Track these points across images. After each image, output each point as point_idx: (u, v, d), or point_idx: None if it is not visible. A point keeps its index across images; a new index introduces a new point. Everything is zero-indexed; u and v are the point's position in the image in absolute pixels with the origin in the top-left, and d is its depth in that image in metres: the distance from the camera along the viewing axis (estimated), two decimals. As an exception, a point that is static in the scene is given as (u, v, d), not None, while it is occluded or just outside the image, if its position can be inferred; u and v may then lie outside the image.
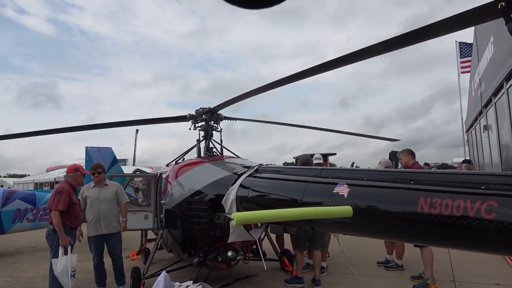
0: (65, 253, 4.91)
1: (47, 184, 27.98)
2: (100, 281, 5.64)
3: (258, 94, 5.29)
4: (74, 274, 4.98)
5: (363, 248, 7.84)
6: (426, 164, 16.15)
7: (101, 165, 5.85)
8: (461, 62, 18.80)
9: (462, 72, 19.07)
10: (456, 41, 19.14)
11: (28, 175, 43.56)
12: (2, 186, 26.96)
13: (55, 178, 26.41)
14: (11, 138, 7.50)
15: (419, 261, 5.75)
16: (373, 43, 2.93)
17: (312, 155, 7.66)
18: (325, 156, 7.89)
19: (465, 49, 18.48)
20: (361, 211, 2.81)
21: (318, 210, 2.86)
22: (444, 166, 14.97)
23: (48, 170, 31.82)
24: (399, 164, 6.17)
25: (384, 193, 2.79)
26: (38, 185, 29.69)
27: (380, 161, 6.58)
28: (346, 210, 2.68)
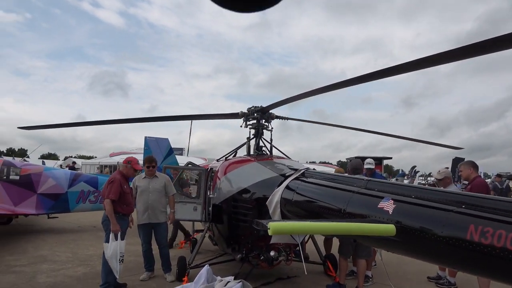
0: (115, 238, 5.17)
1: (106, 167, 29.95)
2: (148, 266, 6.02)
3: (310, 96, 5.22)
4: (122, 259, 5.19)
5: (414, 260, 7.46)
6: (498, 175, 14.82)
7: (155, 159, 6.21)
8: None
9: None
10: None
11: (95, 157, 46.96)
12: (74, 163, 29.10)
13: (118, 162, 28.27)
14: (84, 125, 8.16)
15: (474, 282, 5.36)
16: (444, 51, 2.70)
17: (364, 159, 7.43)
18: (379, 160, 7.61)
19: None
20: (405, 230, 2.67)
21: (358, 226, 2.76)
22: None
23: (111, 155, 34.13)
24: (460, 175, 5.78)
25: (432, 214, 2.62)
26: (103, 168, 31.92)
27: (439, 171, 6.18)
28: (388, 228, 2.56)
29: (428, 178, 37.98)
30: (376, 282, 6.16)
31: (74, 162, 29.19)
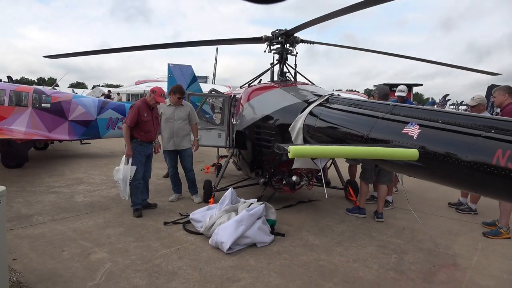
0: (127, 162, 5.31)
1: (133, 95, 30.25)
2: (176, 188, 6.35)
3: (338, 17, 4.88)
4: (131, 183, 5.34)
5: (436, 186, 7.48)
6: None
7: (184, 91, 6.21)
8: None
9: None
10: None
11: (122, 85, 47.58)
12: (110, 91, 29.02)
13: (144, 91, 28.59)
14: (108, 53, 8.12)
15: (496, 208, 5.38)
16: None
17: (392, 86, 7.17)
18: (408, 87, 7.27)
19: None
20: (429, 155, 2.63)
21: (380, 150, 2.73)
22: None
23: (136, 84, 34.45)
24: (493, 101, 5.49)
25: (458, 139, 2.54)
26: (130, 96, 32.47)
27: (474, 97, 5.87)
28: (411, 153, 2.52)
29: (460, 107, 36.59)
30: (396, 207, 6.30)
31: (109, 91, 29.27)
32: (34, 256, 3.98)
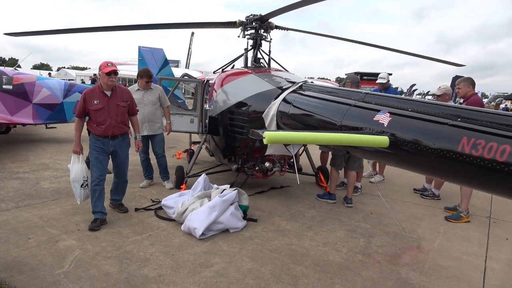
0: (78, 161, 4.48)
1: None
2: (147, 175, 6.25)
3: (317, 2, 4.87)
4: (87, 183, 4.49)
5: (403, 173, 7.78)
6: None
7: (152, 74, 5.95)
8: None
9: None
10: None
11: (89, 68, 45.85)
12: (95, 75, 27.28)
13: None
14: (75, 33, 7.77)
15: (457, 194, 5.66)
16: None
17: (362, 75, 7.34)
18: (377, 76, 7.45)
19: None
20: (398, 142, 2.71)
21: (353, 137, 2.79)
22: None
23: (105, 66, 33.17)
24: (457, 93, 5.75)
25: (426, 127, 2.64)
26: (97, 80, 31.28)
27: (440, 87, 6.14)
28: (381, 140, 2.60)
29: (426, 97, 37.87)
30: (364, 193, 6.50)
31: (95, 75, 27.67)
32: (-2, 244, 3.83)
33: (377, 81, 7.19)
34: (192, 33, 36.28)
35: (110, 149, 4.58)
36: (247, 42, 6.63)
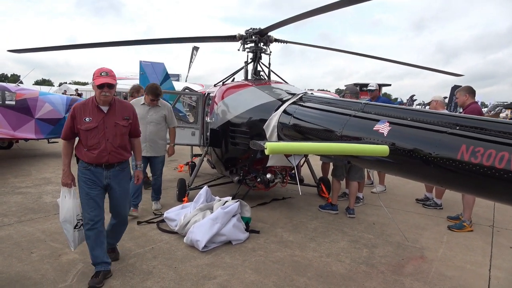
0: (69, 195, 3.50)
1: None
2: (133, 200, 5.16)
3: (312, 16, 4.96)
4: (82, 223, 3.52)
5: (404, 183, 7.79)
6: None
7: (159, 93, 5.34)
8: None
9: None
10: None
11: (90, 83, 46.16)
12: (77, 90, 28.36)
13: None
14: (76, 48, 7.88)
15: (460, 203, 5.65)
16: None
17: (362, 86, 7.47)
18: (378, 87, 7.60)
19: None
20: (399, 151, 2.74)
21: (353, 147, 2.82)
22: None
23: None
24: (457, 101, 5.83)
25: (426, 135, 2.67)
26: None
27: (434, 97, 6.34)
28: (382, 149, 2.62)
29: (427, 107, 37.98)
30: (367, 203, 6.49)
31: (77, 90, 28.25)
32: (0, 259, 3.82)
33: (367, 88, 7.40)
34: (197, 48, 35.93)
35: (104, 182, 3.48)
36: (247, 55, 6.72)
